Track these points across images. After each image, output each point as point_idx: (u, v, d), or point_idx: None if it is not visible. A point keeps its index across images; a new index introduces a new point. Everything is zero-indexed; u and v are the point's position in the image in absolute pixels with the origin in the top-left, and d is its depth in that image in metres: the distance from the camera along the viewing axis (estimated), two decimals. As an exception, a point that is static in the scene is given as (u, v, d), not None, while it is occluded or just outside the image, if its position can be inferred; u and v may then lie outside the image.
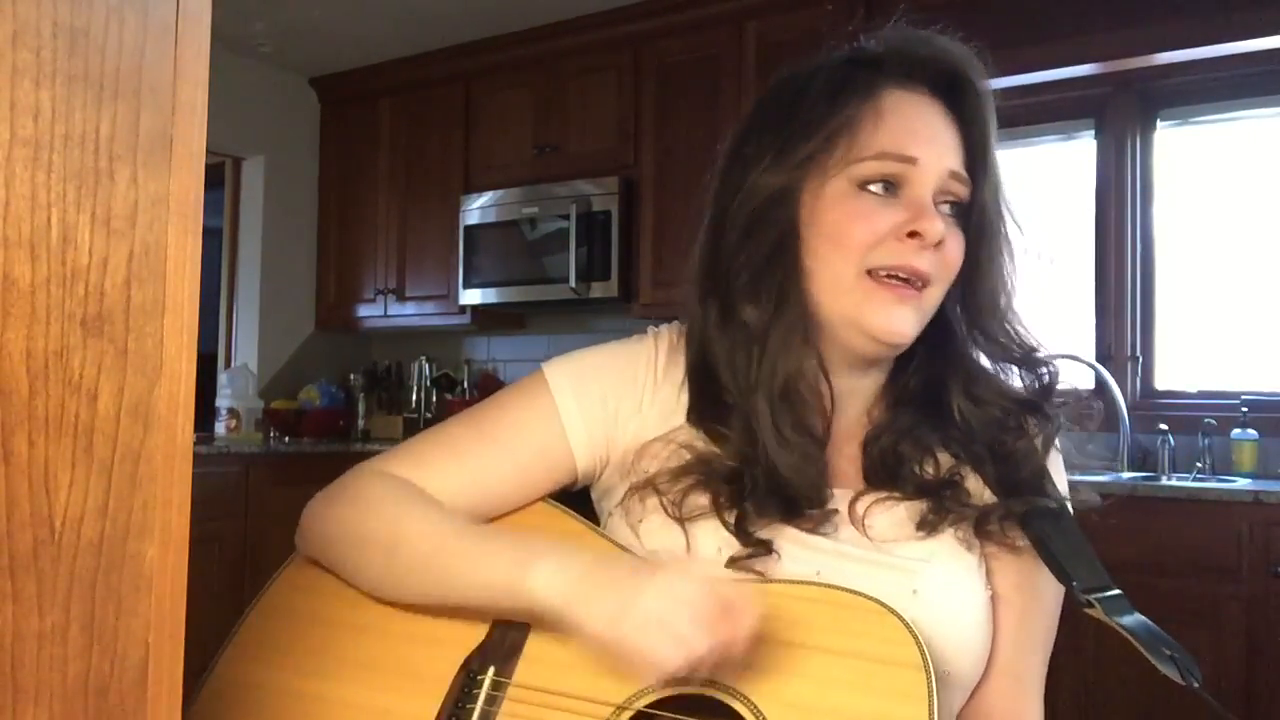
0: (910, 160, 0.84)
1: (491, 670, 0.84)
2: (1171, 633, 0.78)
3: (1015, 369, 0.92)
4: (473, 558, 0.84)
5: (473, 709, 0.82)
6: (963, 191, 0.87)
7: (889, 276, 0.85)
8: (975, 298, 0.89)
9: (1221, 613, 2.51)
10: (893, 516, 0.87)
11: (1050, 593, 0.89)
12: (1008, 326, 0.90)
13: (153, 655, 0.45)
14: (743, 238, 0.87)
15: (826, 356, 0.90)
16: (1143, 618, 0.81)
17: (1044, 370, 0.91)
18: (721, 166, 0.93)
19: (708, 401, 0.90)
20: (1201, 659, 2.45)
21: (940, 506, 0.87)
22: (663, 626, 0.72)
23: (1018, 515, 0.86)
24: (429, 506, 0.88)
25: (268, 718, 0.87)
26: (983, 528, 0.86)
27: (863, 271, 0.85)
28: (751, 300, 0.86)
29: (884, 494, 0.88)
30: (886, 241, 0.84)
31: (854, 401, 0.93)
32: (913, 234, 0.84)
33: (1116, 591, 0.83)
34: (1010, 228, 0.90)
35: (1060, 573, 0.84)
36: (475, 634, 0.86)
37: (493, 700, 0.83)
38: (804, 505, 0.85)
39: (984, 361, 0.92)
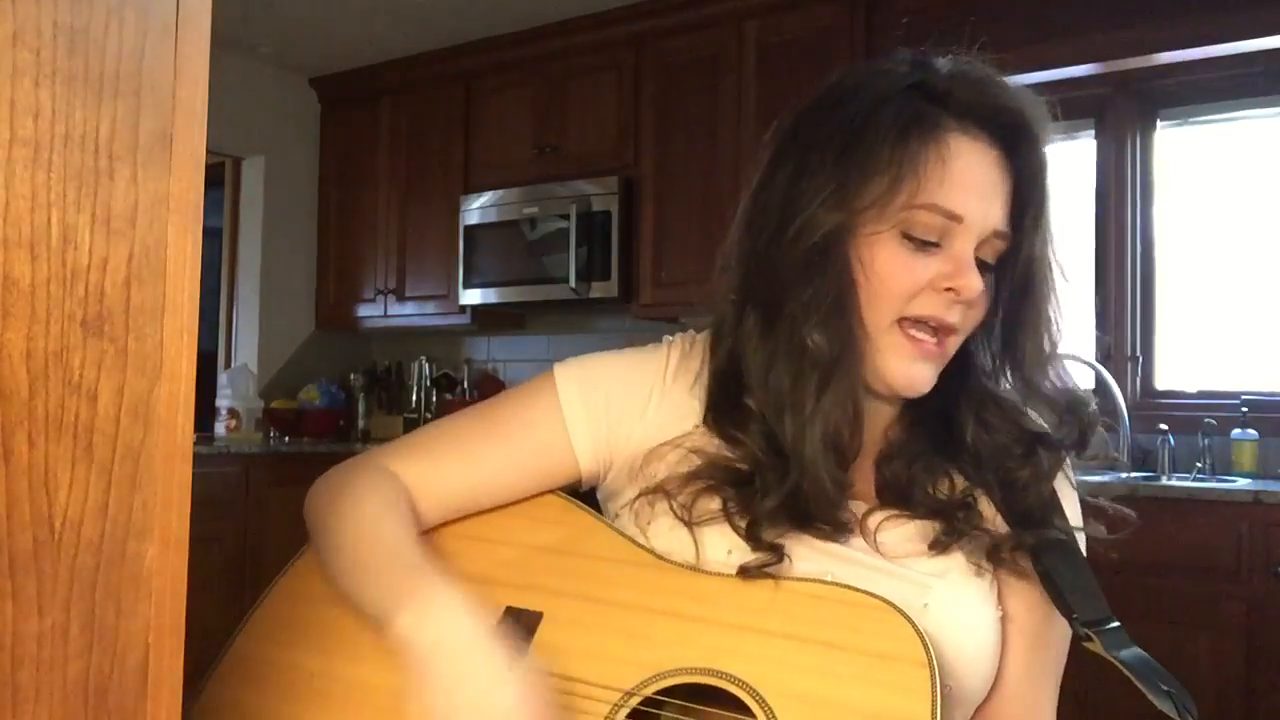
0: (957, 218, 0.84)
1: None
2: (1171, 633, 0.79)
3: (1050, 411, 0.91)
4: (369, 580, 0.85)
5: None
6: (1002, 247, 0.87)
7: (916, 326, 0.85)
8: (1018, 350, 0.89)
9: (1221, 613, 2.51)
10: (904, 533, 0.87)
11: (1062, 619, 0.88)
12: (1051, 378, 0.89)
13: (153, 655, 0.45)
14: (803, 270, 0.85)
15: None
16: (1141, 651, 0.82)
17: (1085, 418, 0.90)
18: (763, 184, 0.90)
19: (727, 404, 0.90)
20: (1201, 659, 2.46)
21: (953, 528, 0.87)
22: None
23: (1028, 546, 0.86)
24: (382, 515, 0.88)
25: (282, 694, 0.89)
26: (995, 555, 0.87)
27: (895, 320, 0.85)
28: (822, 331, 0.84)
29: (897, 512, 0.88)
30: (925, 292, 0.84)
31: (874, 421, 0.93)
32: (950, 289, 0.84)
33: (1116, 624, 0.84)
34: (1058, 278, 0.89)
35: (1063, 605, 0.85)
36: (488, 619, 0.87)
37: None
38: (818, 520, 0.86)
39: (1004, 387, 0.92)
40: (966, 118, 0.85)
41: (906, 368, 0.86)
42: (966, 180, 0.84)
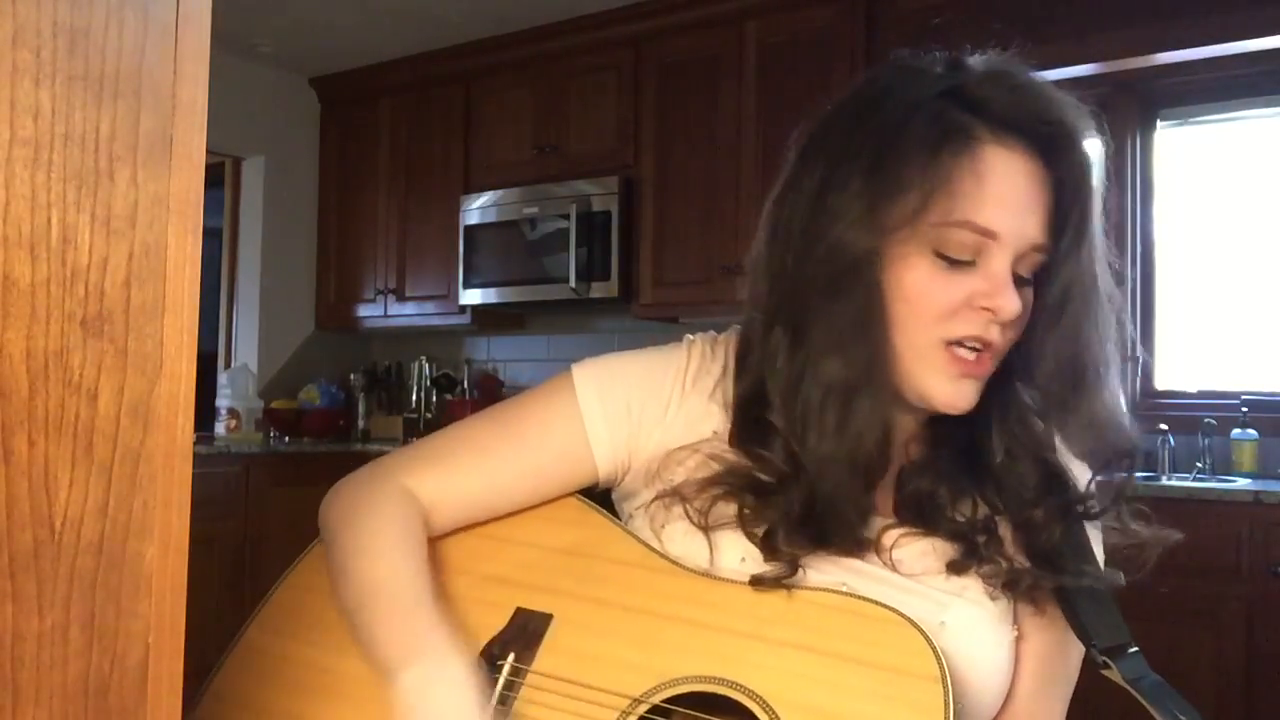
0: (992, 235, 0.80)
1: (511, 657, 0.85)
2: (1171, 632, 0.79)
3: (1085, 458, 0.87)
4: (375, 625, 0.85)
5: (491, 693, 0.84)
6: (1040, 260, 0.83)
7: (959, 346, 0.82)
8: (1046, 371, 0.84)
9: (1221, 613, 2.51)
10: (920, 550, 0.86)
11: (1075, 639, 0.87)
12: (1088, 409, 0.84)
13: (153, 655, 0.45)
14: (825, 293, 0.82)
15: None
16: (1158, 678, 0.81)
17: (1119, 472, 0.87)
18: (787, 191, 0.87)
19: (750, 421, 0.88)
20: (1201, 659, 2.46)
21: (972, 552, 0.85)
22: None
23: (1046, 587, 0.85)
24: (392, 550, 0.88)
25: (288, 687, 0.89)
26: (1012, 586, 0.85)
27: (938, 341, 0.82)
28: (838, 361, 0.82)
29: (914, 529, 0.87)
30: (961, 312, 0.82)
31: (896, 435, 0.91)
32: (987, 308, 0.81)
33: (1135, 650, 0.83)
34: (1104, 294, 0.85)
35: (1081, 633, 0.84)
36: (497, 621, 0.87)
37: (511, 686, 0.84)
38: (836, 538, 0.84)
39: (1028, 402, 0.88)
40: (1002, 127, 0.81)
41: (951, 387, 0.83)
42: (1002, 195, 0.80)
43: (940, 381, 0.83)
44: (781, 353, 0.85)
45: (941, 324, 0.82)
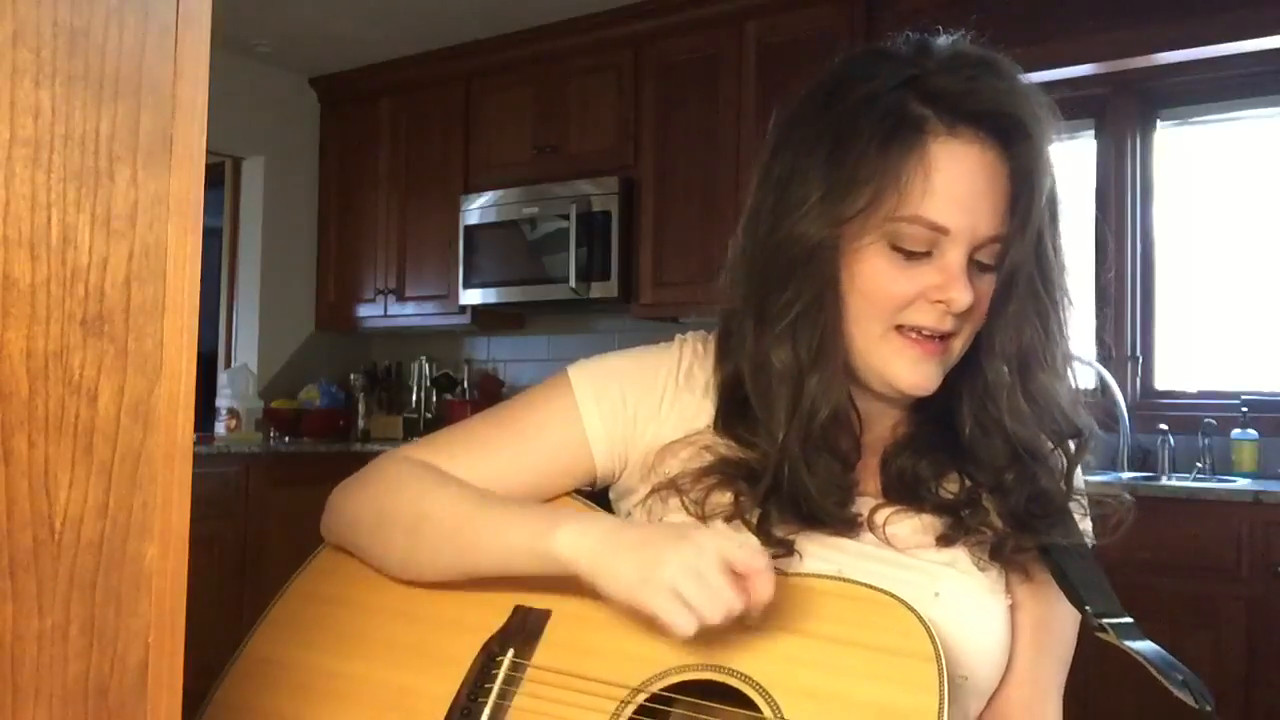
0: (943, 230, 0.82)
1: (511, 652, 0.86)
2: (1171, 632, 0.79)
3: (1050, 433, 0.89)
4: (496, 525, 0.86)
5: (491, 689, 0.84)
6: (1000, 248, 0.85)
7: (915, 330, 0.84)
8: (995, 353, 0.86)
9: (1221, 613, 2.51)
10: (913, 526, 0.88)
11: (1068, 605, 0.89)
12: (1031, 391, 0.86)
13: (153, 655, 0.45)
14: (782, 281, 0.85)
15: (854, 389, 0.90)
16: (1154, 644, 0.82)
17: (1069, 449, 0.89)
18: (760, 181, 0.90)
19: (735, 409, 0.90)
20: (1201, 658, 2.46)
21: (959, 524, 0.87)
22: (678, 597, 0.76)
23: (1030, 548, 0.87)
24: (450, 482, 0.91)
25: (294, 693, 0.90)
26: (998, 554, 0.87)
27: (891, 328, 0.85)
28: (788, 346, 0.85)
29: (904, 507, 0.89)
30: (916, 303, 0.84)
31: (881, 421, 0.94)
32: (940, 300, 0.83)
33: (1129, 619, 0.84)
34: (1056, 287, 0.86)
35: (1075, 599, 0.85)
36: (497, 618, 0.88)
37: (511, 681, 0.85)
38: (827, 518, 0.86)
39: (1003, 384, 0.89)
40: (958, 118, 0.83)
41: (912, 370, 0.85)
42: (952, 191, 0.82)
43: (900, 365, 0.85)
44: (749, 339, 0.88)
45: (894, 314, 0.84)
